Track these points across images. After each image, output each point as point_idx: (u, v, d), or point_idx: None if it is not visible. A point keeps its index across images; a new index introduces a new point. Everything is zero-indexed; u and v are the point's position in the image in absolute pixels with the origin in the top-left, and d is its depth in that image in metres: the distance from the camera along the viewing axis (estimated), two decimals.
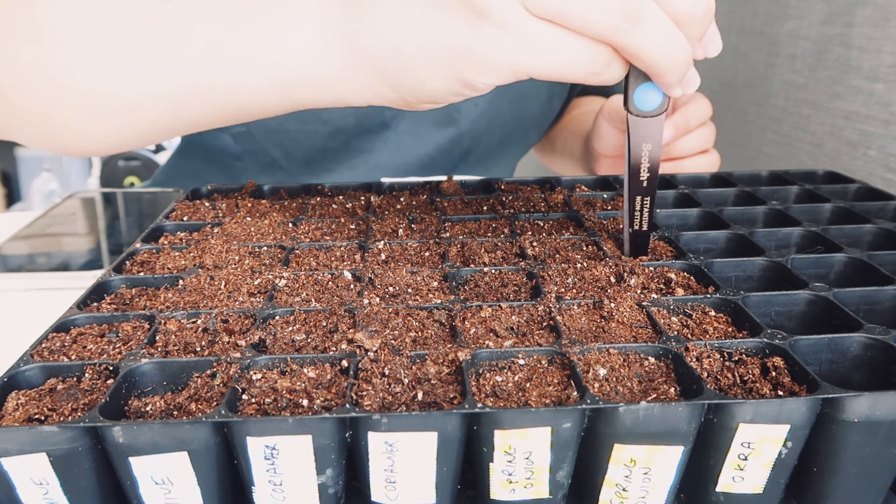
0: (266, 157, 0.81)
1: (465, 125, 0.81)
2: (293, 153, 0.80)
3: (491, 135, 0.83)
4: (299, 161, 0.81)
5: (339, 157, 0.81)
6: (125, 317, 0.40)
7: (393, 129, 0.80)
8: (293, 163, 0.81)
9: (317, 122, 0.78)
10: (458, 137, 0.81)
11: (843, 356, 0.36)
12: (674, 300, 0.40)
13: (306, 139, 0.79)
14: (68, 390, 0.33)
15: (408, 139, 0.81)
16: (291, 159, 0.81)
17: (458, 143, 0.82)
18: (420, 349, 0.35)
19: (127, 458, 0.30)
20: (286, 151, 0.80)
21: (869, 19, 0.75)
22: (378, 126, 0.79)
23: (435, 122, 0.80)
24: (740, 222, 0.51)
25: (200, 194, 0.61)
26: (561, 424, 0.30)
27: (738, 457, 0.31)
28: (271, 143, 0.80)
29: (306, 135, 0.79)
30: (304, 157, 0.81)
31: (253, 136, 0.80)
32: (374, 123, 0.79)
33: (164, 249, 0.49)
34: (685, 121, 0.63)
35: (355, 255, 0.47)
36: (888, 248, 0.47)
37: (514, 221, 0.52)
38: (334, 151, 0.80)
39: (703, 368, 0.34)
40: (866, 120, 0.76)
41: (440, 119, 0.80)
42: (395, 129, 0.80)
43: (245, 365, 0.34)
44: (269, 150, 0.80)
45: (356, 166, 0.82)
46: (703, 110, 0.64)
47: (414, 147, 0.81)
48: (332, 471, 0.31)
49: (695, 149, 0.66)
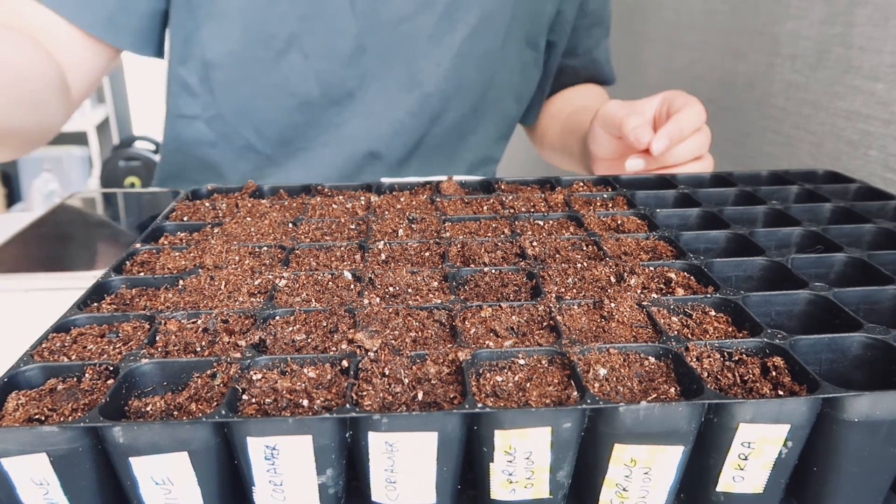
0: (240, 140, 0.82)
1: (431, 86, 0.81)
2: (265, 132, 0.81)
3: (461, 99, 0.84)
4: (272, 140, 0.82)
5: (311, 134, 0.82)
6: (125, 317, 0.40)
7: (360, 99, 0.81)
8: (267, 143, 0.82)
9: (283, 95, 0.79)
10: (425, 99, 0.82)
11: (844, 356, 0.36)
12: (674, 300, 0.40)
13: (276, 115, 0.80)
14: (68, 390, 0.33)
15: (377, 107, 0.81)
16: (265, 139, 0.81)
17: (427, 105, 0.82)
18: (420, 349, 0.35)
19: (127, 458, 0.30)
20: (258, 130, 0.81)
21: (869, 19, 0.75)
22: (344, 97, 0.80)
23: (400, 87, 0.81)
24: (740, 222, 0.51)
25: (200, 194, 0.61)
26: (561, 424, 0.30)
27: (738, 456, 0.31)
28: (243, 124, 0.81)
29: (275, 110, 0.80)
30: (277, 136, 0.81)
31: (224, 118, 0.81)
32: (340, 94, 0.80)
33: (164, 250, 0.49)
34: (678, 129, 0.63)
35: (355, 255, 0.47)
36: (888, 248, 0.47)
37: (514, 221, 0.52)
38: (304, 126, 0.81)
39: (703, 368, 0.34)
40: (867, 120, 0.76)
41: (405, 83, 0.81)
42: (363, 99, 0.81)
43: (245, 365, 0.34)
44: (242, 132, 0.81)
45: (329, 143, 0.82)
46: (696, 116, 0.64)
47: (384, 114, 0.82)
48: (333, 471, 0.31)
49: (688, 156, 0.66)
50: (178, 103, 0.82)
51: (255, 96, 0.79)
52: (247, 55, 0.77)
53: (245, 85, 0.78)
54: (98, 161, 2.85)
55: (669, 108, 0.67)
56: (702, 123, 0.65)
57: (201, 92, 0.80)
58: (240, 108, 0.80)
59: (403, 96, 0.81)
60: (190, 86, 0.80)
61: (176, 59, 0.80)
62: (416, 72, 0.81)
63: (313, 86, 0.78)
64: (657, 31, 1.23)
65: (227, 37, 0.76)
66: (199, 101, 0.80)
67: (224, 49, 0.77)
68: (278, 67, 0.77)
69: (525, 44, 0.87)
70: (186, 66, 0.79)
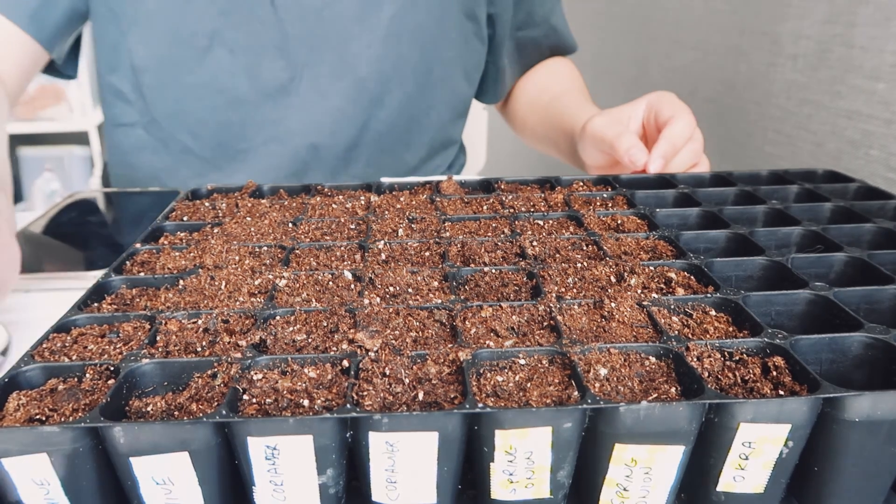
0: (177, 145, 0.81)
1: (364, 69, 0.80)
2: (200, 133, 0.80)
3: (401, 79, 0.82)
4: (209, 143, 0.81)
5: (249, 133, 0.80)
6: (126, 317, 0.40)
7: (293, 91, 0.79)
8: (204, 146, 0.81)
9: (212, 94, 0.78)
10: (361, 83, 0.80)
11: (844, 356, 0.36)
12: (674, 300, 0.40)
13: (209, 115, 0.79)
14: (69, 391, 0.33)
15: (312, 97, 0.80)
16: (201, 141, 0.81)
17: (364, 89, 0.80)
18: (421, 349, 0.35)
19: (128, 458, 0.30)
20: (193, 133, 0.80)
21: (871, 18, 0.75)
22: (276, 90, 0.79)
23: (333, 74, 0.79)
24: (740, 222, 0.51)
25: (200, 194, 0.62)
26: (562, 424, 0.30)
27: (738, 456, 0.31)
28: (177, 128, 0.80)
29: (207, 110, 0.79)
30: (213, 138, 0.80)
31: (159, 123, 0.80)
32: (271, 87, 0.78)
33: (164, 250, 0.49)
34: (672, 146, 0.63)
35: (355, 255, 0.47)
36: (888, 248, 0.47)
37: (514, 221, 0.52)
38: (240, 126, 0.80)
39: (703, 368, 0.34)
40: (868, 119, 0.76)
41: (337, 69, 0.79)
42: (296, 91, 0.79)
43: (246, 365, 0.34)
44: (177, 136, 0.80)
45: (269, 140, 0.81)
46: (687, 128, 0.64)
47: (320, 103, 0.80)
48: (333, 471, 0.31)
49: (684, 167, 0.66)
50: (114, 112, 0.82)
51: (184, 97, 0.78)
52: (172, 56, 0.77)
53: (173, 87, 0.78)
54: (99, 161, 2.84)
55: (657, 116, 0.67)
56: (693, 131, 0.65)
57: (134, 98, 0.80)
58: (172, 111, 0.79)
59: (337, 83, 0.80)
60: (123, 93, 0.80)
61: (105, 69, 0.80)
62: (348, 56, 0.79)
63: (242, 81, 0.78)
64: (659, 31, 1.23)
65: (151, 40, 0.76)
66: (135, 107, 0.80)
67: (149, 52, 0.77)
68: (204, 65, 0.77)
69: (464, 17, 0.85)
70: (117, 73, 0.79)
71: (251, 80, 0.78)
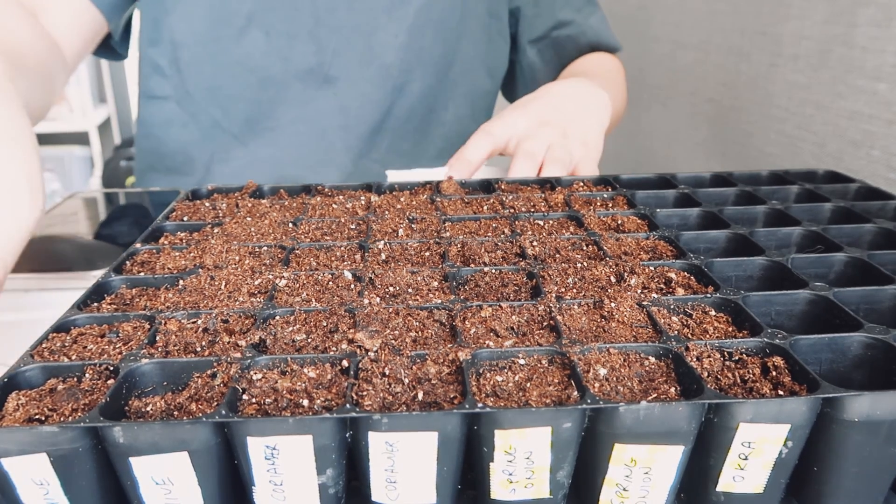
0: (207, 119, 0.83)
1: (390, 57, 0.82)
2: (231, 110, 0.82)
3: (423, 70, 0.85)
4: (239, 119, 0.83)
5: (277, 113, 0.83)
6: (125, 317, 0.40)
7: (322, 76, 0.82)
8: (233, 121, 0.83)
9: (246, 72, 0.80)
10: (386, 70, 0.83)
11: (844, 356, 0.36)
12: (674, 300, 0.40)
13: (241, 92, 0.81)
14: (69, 390, 0.33)
15: (339, 81, 0.82)
16: (230, 117, 0.83)
17: (389, 76, 0.83)
18: (420, 349, 0.35)
19: (127, 458, 0.30)
20: (224, 108, 0.82)
21: (872, 19, 0.75)
22: (306, 73, 0.81)
23: (359, 60, 0.82)
24: (740, 222, 0.51)
25: (200, 194, 0.62)
26: (561, 424, 0.30)
27: (738, 456, 0.31)
28: (210, 102, 0.82)
29: (240, 87, 0.81)
30: (243, 115, 0.83)
31: (192, 97, 0.82)
32: (302, 70, 0.81)
33: (164, 249, 0.49)
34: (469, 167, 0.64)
35: (355, 255, 0.47)
36: (888, 248, 0.47)
37: (514, 221, 0.52)
38: (270, 104, 0.82)
39: (703, 368, 0.34)
40: (869, 120, 0.76)
41: (362, 55, 0.82)
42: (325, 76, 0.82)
43: (245, 365, 0.34)
44: (209, 110, 0.83)
45: (296, 122, 0.83)
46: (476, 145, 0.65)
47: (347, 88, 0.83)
48: (333, 471, 0.31)
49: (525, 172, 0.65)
50: (149, 85, 0.84)
51: (219, 74, 0.81)
52: (211, 34, 0.79)
53: (210, 63, 0.81)
54: (100, 161, 2.85)
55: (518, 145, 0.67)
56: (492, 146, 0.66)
57: (171, 73, 0.82)
58: (206, 86, 0.82)
59: (364, 70, 0.83)
60: (161, 67, 0.82)
61: (146, 42, 0.82)
62: (375, 44, 0.82)
63: (275, 61, 0.80)
64: (660, 31, 1.23)
65: (193, 17, 0.79)
66: (170, 81, 0.83)
67: (189, 29, 0.79)
68: (240, 44, 0.79)
69: (487, 15, 0.88)
70: (157, 47, 0.81)
71: (283, 61, 0.80)
